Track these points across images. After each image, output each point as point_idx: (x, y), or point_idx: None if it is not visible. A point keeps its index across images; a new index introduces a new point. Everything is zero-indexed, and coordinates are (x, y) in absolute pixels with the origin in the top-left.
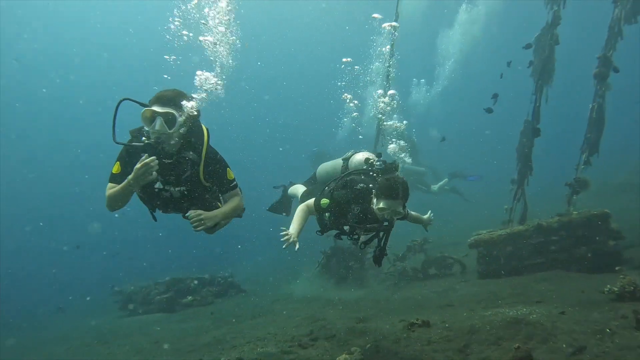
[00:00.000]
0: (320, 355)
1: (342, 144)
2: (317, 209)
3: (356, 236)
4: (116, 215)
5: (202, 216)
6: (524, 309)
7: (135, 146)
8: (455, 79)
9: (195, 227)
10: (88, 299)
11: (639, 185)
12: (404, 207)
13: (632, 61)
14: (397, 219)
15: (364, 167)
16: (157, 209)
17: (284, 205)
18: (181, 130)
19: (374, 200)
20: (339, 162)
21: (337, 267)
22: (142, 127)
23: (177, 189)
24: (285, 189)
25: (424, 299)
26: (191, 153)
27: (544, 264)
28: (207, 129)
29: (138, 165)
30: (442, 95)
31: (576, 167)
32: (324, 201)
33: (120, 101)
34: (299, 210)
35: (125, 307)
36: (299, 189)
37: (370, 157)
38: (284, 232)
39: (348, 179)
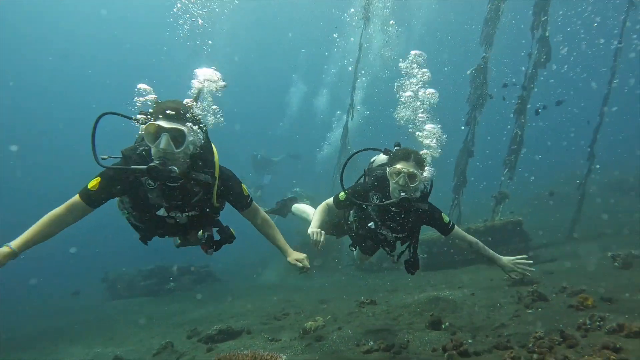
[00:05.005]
0: (291, 324)
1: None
2: (337, 203)
3: (384, 237)
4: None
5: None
6: (447, 292)
7: (135, 169)
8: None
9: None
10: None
11: (564, 195)
12: (420, 172)
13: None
14: (414, 187)
15: (385, 163)
16: (154, 236)
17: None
18: (190, 150)
19: (388, 170)
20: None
21: None
22: (137, 147)
23: (184, 214)
24: (285, 202)
25: (375, 286)
26: (202, 174)
27: (473, 260)
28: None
29: None
30: None
31: (500, 183)
32: (342, 194)
33: (100, 116)
34: (319, 208)
35: (110, 292)
36: (307, 210)
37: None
38: (312, 232)
39: (366, 170)
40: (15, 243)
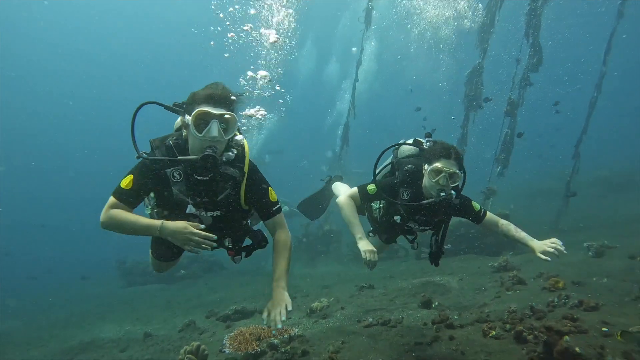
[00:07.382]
0: (299, 305)
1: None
2: (363, 197)
3: (409, 228)
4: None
5: (281, 313)
6: (438, 277)
7: (185, 160)
8: None
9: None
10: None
11: (553, 190)
12: (460, 170)
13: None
14: (454, 187)
15: (413, 152)
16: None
17: (317, 204)
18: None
19: (426, 167)
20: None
21: (307, 249)
22: (165, 137)
23: (209, 213)
24: (329, 181)
25: (373, 273)
26: (231, 168)
27: (464, 249)
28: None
29: (193, 231)
30: None
31: (488, 179)
32: (371, 187)
33: (141, 106)
34: (346, 206)
35: (125, 279)
36: (340, 188)
37: (420, 140)
38: (365, 257)
39: (395, 161)
40: None
